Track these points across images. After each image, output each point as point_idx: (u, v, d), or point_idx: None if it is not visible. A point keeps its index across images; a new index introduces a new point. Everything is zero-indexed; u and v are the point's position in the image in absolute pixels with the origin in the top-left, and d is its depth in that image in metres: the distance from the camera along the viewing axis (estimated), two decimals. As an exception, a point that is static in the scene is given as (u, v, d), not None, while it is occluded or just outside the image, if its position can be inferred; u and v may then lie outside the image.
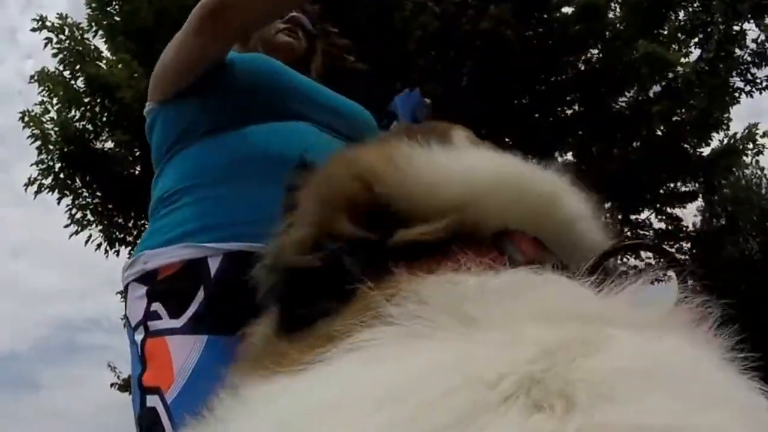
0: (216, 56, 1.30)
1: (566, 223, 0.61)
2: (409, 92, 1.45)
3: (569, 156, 10.06)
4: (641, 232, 10.97)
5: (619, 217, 10.90)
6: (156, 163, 1.40)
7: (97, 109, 8.77)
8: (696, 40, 8.83)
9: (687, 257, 11.39)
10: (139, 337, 1.19)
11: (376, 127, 1.47)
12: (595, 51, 8.65)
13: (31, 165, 8.50)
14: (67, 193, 8.61)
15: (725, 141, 9.45)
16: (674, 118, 8.80)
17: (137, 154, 8.36)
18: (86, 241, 8.63)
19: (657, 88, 8.68)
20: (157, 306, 1.19)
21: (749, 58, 8.97)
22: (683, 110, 8.70)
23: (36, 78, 8.87)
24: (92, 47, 9.32)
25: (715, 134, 9.00)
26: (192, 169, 1.28)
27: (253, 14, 1.28)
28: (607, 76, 8.27)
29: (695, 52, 8.90)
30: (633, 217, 10.68)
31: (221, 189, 1.24)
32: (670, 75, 8.37)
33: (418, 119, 1.41)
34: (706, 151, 9.38)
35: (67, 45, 9.10)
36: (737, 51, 8.85)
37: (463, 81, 8.06)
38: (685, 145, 8.95)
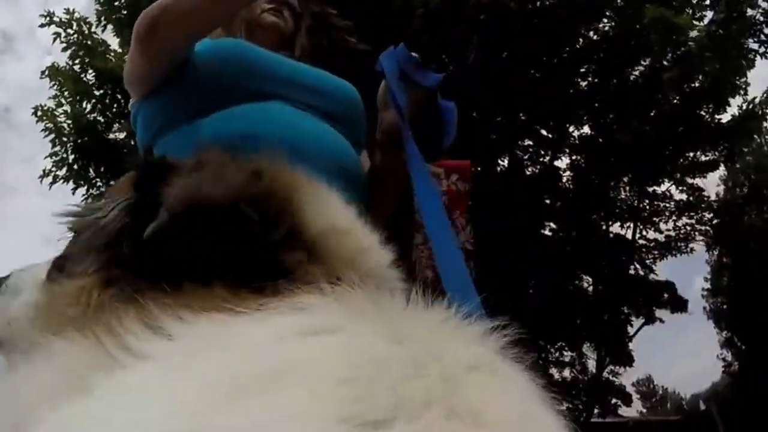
0: (163, 69, 1.27)
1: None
2: (393, 48, 1.33)
3: (585, 129, 9.84)
4: (662, 205, 10.71)
5: (637, 190, 10.65)
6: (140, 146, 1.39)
7: (107, 100, 8.86)
8: (707, 1, 8.45)
9: (709, 228, 11.11)
10: None
11: (361, 102, 1.41)
12: (607, 20, 8.35)
13: (45, 157, 8.66)
14: (82, 183, 8.81)
15: (744, 107, 9.10)
16: (689, 85, 8.46)
17: (149, 145, 8.47)
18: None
19: (670, 56, 8.33)
20: None
21: (762, 18, 8.57)
22: (698, 76, 8.36)
23: (47, 73, 8.99)
24: (100, 41, 9.38)
25: (732, 100, 8.66)
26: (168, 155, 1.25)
27: (187, 27, 1.23)
28: (619, 45, 7.98)
29: (709, 15, 8.53)
30: (652, 189, 10.42)
31: None
32: (682, 39, 8.01)
33: (409, 75, 1.30)
34: (724, 117, 9.05)
35: (75, 39, 9.16)
36: (749, 11, 8.46)
37: (470, 58, 7.88)
38: (702, 113, 8.61)
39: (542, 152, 9.95)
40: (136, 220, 0.59)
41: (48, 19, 9.04)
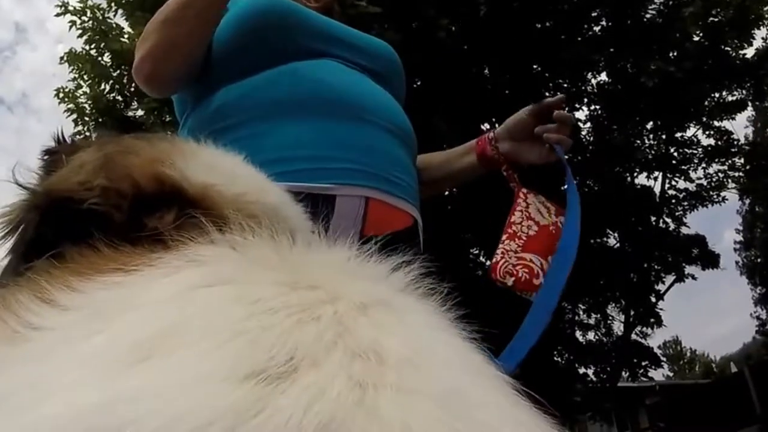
0: (184, 81, 1.26)
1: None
2: None
3: (603, 77, 9.60)
4: (689, 152, 10.41)
5: (663, 136, 10.36)
6: (180, 114, 1.37)
7: (124, 80, 9.17)
8: None
9: (741, 174, 10.76)
10: None
11: (400, 62, 1.41)
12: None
13: (69, 137, 8.98)
14: (104, 159, 9.11)
15: (769, 39, 8.72)
16: (710, 20, 8.16)
17: (167, 119, 8.64)
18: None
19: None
20: None
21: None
22: (719, 10, 8.04)
23: (66, 59, 9.35)
24: (114, 25, 9.70)
25: (757, 32, 8.30)
26: (223, 110, 1.21)
27: (180, 60, 1.20)
28: (633, -18, 7.73)
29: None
30: (679, 135, 10.12)
31: (261, 127, 1.17)
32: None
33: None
34: (749, 52, 8.69)
35: (90, 25, 9.50)
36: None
37: (481, 11, 7.75)
38: (726, 48, 8.30)
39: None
40: (24, 214, 0.60)
41: (63, 8, 9.36)
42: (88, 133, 8.79)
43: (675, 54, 8.57)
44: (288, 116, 1.16)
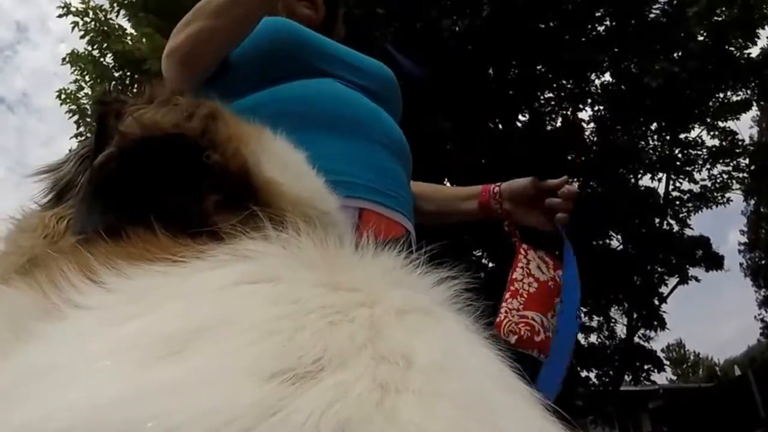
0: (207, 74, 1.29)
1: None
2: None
3: (607, 77, 9.56)
4: (693, 153, 10.35)
5: (668, 137, 10.31)
6: None
7: (127, 81, 9.14)
8: None
9: (746, 175, 10.70)
10: None
11: (397, 83, 1.48)
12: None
13: (71, 138, 9.06)
14: (106, 161, 9.12)
15: (774, 38, 8.66)
16: (714, 19, 8.12)
17: (168, 121, 8.68)
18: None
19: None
20: None
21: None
22: (723, 9, 8.01)
23: (68, 59, 9.35)
24: (116, 26, 9.71)
25: (761, 31, 8.26)
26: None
27: (217, 51, 1.25)
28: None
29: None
30: (683, 135, 10.08)
31: None
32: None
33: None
34: (754, 51, 8.64)
35: (92, 26, 9.51)
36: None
37: (484, 11, 7.73)
38: (730, 48, 8.26)
39: (563, 104, 9.72)
40: (91, 161, 0.59)
41: (65, 9, 9.36)
42: (89, 135, 8.79)
43: (679, 54, 8.53)
44: (289, 130, 1.17)
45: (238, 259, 0.42)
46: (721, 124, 9.83)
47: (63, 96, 9.08)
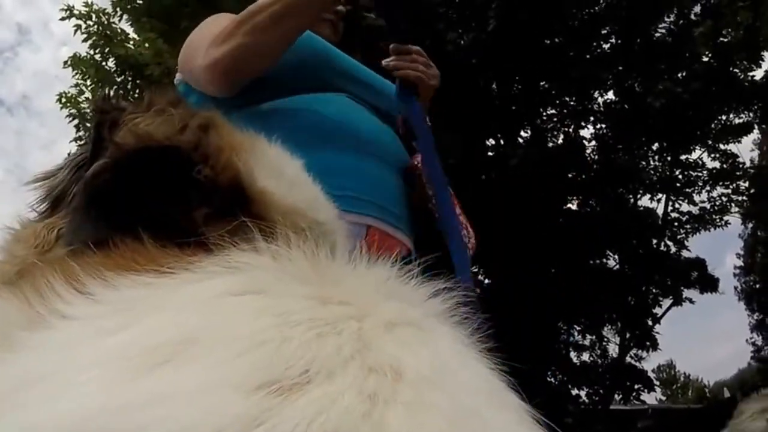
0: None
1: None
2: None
3: (609, 95, 9.60)
4: (693, 174, 10.39)
5: (668, 158, 10.35)
6: None
7: (128, 86, 9.11)
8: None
9: (745, 198, 10.73)
10: None
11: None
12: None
13: (71, 141, 9.05)
14: (107, 165, 9.07)
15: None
16: (719, 40, 8.20)
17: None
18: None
19: (698, 8, 8.09)
20: None
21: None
22: (729, 30, 8.08)
23: (69, 63, 9.30)
24: (119, 30, 9.68)
25: (766, 53, 8.33)
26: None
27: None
28: (642, 1, 7.74)
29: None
30: (684, 157, 10.12)
31: None
32: (711, -9, 7.76)
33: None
34: (758, 74, 8.71)
35: (95, 30, 9.49)
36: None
37: (490, 25, 7.76)
38: (734, 70, 8.33)
39: (565, 122, 9.75)
40: (86, 169, 0.60)
41: (68, 12, 9.33)
42: (89, 140, 8.76)
43: (683, 74, 8.59)
44: (300, 143, 1.19)
45: (227, 271, 0.41)
46: (722, 146, 9.89)
47: (63, 100, 9.04)
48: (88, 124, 8.98)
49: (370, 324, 0.38)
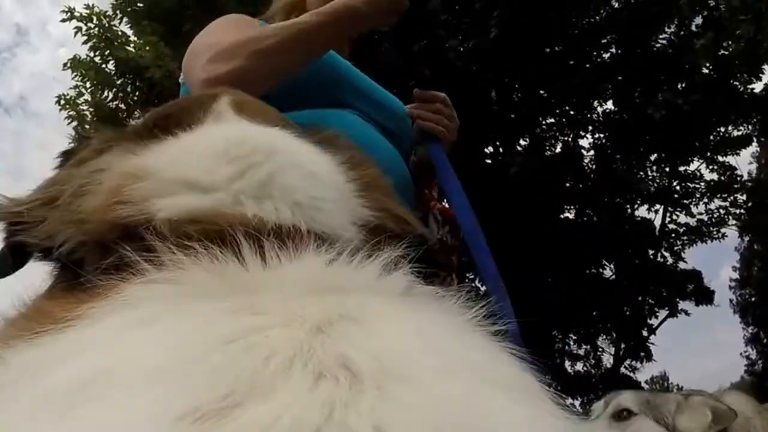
0: None
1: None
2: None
3: (609, 105, 9.64)
4: (691, 186, 10.43)
5: (667, 169, 10.39)
6: None
7: (128, 89, 9.09)
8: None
9: (742, 211, 10.78)
10: None
11: (410, 122, 1.48)
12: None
13: (69, 144, 8.89)
14: (104, 168, 9.04)
15: (778, 74, 8.78)
16: (720, 52, 8.26)
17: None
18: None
19: (699, 20, 8.15)
20: None
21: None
22: (729, 42, 8.15)
23: (69, 65, 9.27)
24: (119, 33, 9.67)
25: (766, 67, 8.39)
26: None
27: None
28: (643, 12, 7.80)
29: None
30: (682, 168, 10.16)
31: None
32: (712, 3, 7.83)
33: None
34: (758, 87, 8.76)
35: (96, 32, 9.49)
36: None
37: (492, 33, 7.79)
38: (734, 82, 8.38)
39: (564, 131, 9.78)
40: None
41: (69, 14, 9.32)
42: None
43: (683, 85, 8.64)
44: None
45: (117, 309, 0.39)
46: (720, 158, 9.94)
47: (62, 102, 8.97)
48: (87, 126, 8.97)
49: (298, 327, 0.34)
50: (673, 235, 11.20)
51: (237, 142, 0.55)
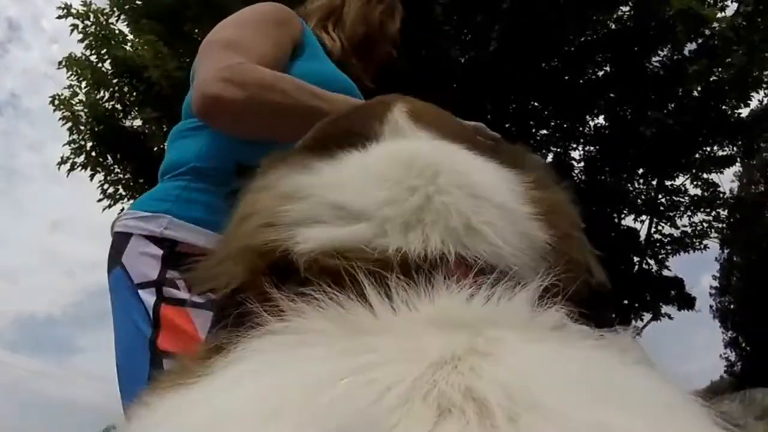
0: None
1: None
2: None
3: (601, 120, 9.80)
4: (676, 199, 10.68)
5: (653, 183, 10.63)
6: (185, 115, 1.39)
7: (125, 89, 8.90)
8: (732, -7, 8.47)
9: (724, 225, 11.06)
10: (149, 297, 1.20)
11: None
12: (626, 9, 8.34)
13: (64, 145, 8.71)
14: (99, 170, 8.92)
15: (765, 101, 9.09)
16: (711, 78, 8.46)
17: (165, 130, 8.46)
18: (119, 214, 8.87)
19: (692, 46, 8.35)
20: (173, 274, 1.19)
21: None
22: (720, 69, 8.36)
23: (64, 63, 9.00)
24: (117, 31, 9.40)
25: (754, 94, 8.64)
26: (240, 149, 1.23)
27: (247, 127, 1.22)
28: (639, 34, 7.97)
29: (732, 6, 8.52)
30: (668, 183, 10.40)
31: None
32: (707, 32, 8.04)
33: None
34: (744, 112, 9.02)
35: (92, 30, 9.19)
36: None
37: (491, 45, 7.90)
38: (723, 107, 8.59)
39: (557, 142, 9.95)
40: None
41: (65, 11, 9.05)
42: (83, 143, 8.62)
43: (673, 106, 8.84)
44: None
45: (235, 362, 0.38)
46: (705, 175, 10.19)
47: (57, 102, 8.70)
48: (82, 127, 8.78)
49: (417, 362, 0.32)
50: (657, 244, 11.47)
51: (402, 163, 0.52)
